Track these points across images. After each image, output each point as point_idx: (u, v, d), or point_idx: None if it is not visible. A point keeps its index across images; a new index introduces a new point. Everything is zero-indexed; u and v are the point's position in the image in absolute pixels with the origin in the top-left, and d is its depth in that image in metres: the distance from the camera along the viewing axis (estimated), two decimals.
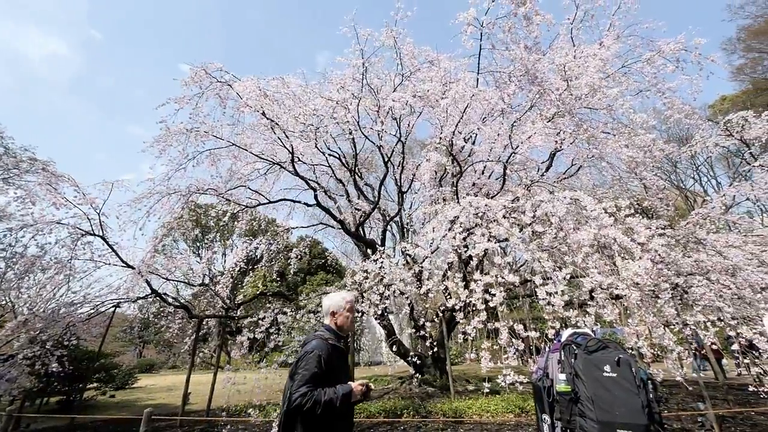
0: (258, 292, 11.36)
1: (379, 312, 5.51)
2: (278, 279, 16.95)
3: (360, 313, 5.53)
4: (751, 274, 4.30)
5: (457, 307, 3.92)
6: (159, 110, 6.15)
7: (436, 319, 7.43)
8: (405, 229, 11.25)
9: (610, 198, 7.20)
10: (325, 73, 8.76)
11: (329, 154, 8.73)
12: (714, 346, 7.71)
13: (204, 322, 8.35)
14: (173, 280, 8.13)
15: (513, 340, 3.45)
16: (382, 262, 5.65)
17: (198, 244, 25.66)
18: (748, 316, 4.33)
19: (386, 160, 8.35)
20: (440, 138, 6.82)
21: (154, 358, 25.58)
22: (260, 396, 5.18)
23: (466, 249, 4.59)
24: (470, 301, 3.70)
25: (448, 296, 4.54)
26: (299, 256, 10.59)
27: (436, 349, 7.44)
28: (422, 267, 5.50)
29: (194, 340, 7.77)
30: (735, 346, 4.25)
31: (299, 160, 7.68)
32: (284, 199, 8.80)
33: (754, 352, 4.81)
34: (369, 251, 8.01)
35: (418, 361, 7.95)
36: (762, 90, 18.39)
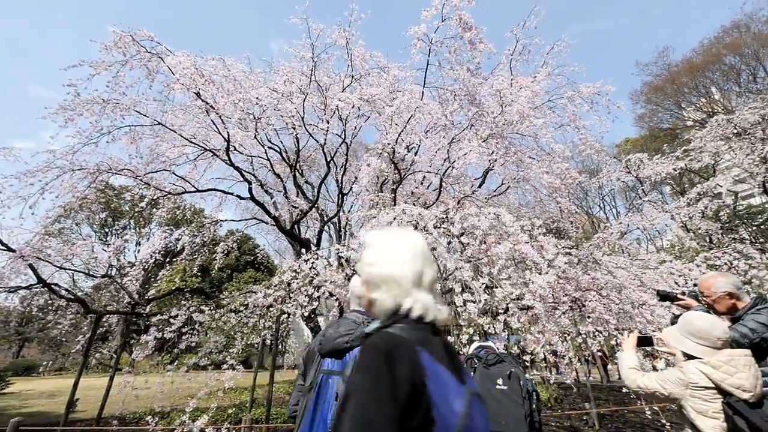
0: (174, 288, 10.37)
1: (307, 314, 5.37)
2: (200, 274, 15.67)
3: (286, 314, 5.35)
4: (632, 292, 5.03)
5: None
6: (69, 72, 5.37)
7: None
8: (343, 231, 11.15)
9: (531, 217, 7.95)
10: (271, 62, 8.38)
11: (269, 147, 8.34)
12: (600, 353, 8.88)
13: (104, 319, 7.36)
14: (69, 269, 7.10)
15: None
16: (313, 263, 5.53)
17: (106, 230, 22.67)
18: (629, 328, 5.05)
19: (329, 159, 8.23)
20: (384, 144, 6.94)
21: (36, 358, 21.95)
22: (163, 401, 4.71)
23: None
24: None
25: None
26: (227, 251, 9.91)
27: None
28: (354, 270, 5.49)
29: (90, 338, 6.82)
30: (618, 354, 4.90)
31: (235, 149, 7.24)
32: (214, 189, 8.19)
33: None
34: (303, 251, 7.78)
35: None
36: (656, 137, 21.83)
